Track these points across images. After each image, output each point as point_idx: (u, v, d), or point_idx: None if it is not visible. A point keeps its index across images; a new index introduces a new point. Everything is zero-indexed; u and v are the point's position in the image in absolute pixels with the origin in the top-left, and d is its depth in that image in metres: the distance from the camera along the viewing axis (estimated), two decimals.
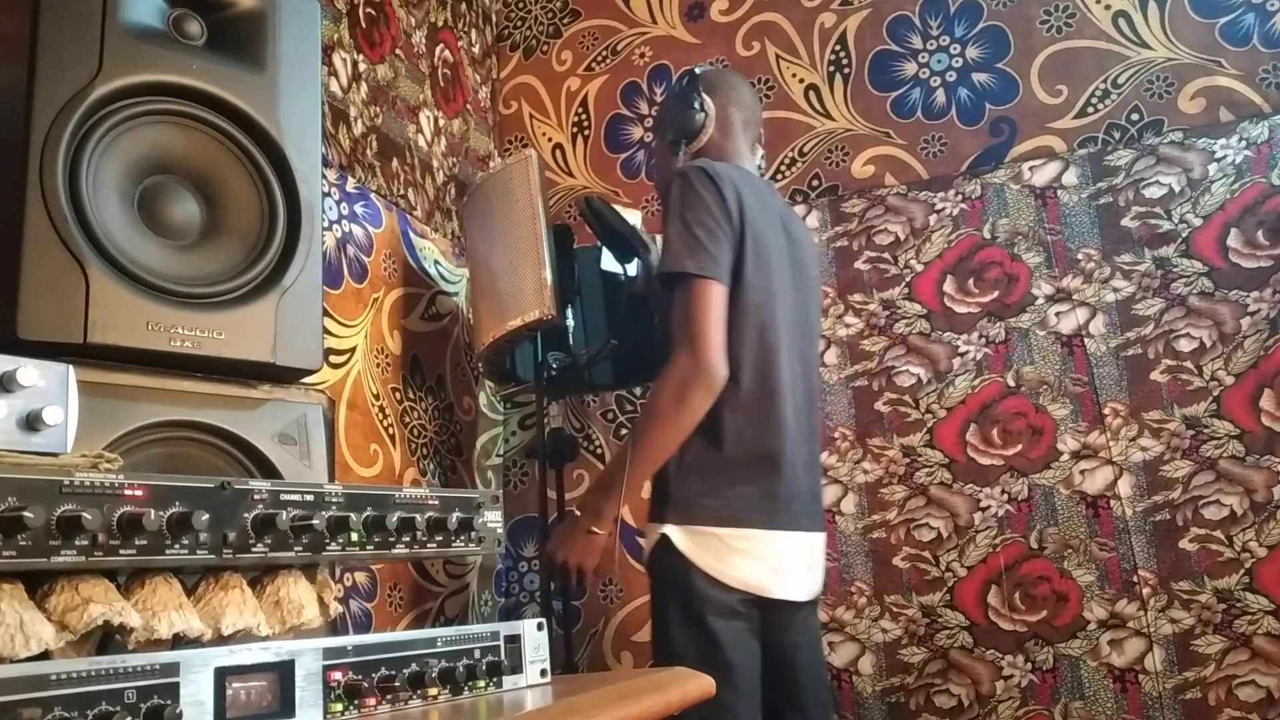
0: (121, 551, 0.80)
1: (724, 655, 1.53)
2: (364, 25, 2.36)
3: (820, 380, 1.87)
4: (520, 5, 3.03)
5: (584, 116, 2.87)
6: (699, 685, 1.17)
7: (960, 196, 2.42)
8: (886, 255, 2.46)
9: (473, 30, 2.92)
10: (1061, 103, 2.38)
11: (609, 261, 2.24)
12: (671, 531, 1.59)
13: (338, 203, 2.15)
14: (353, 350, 2.14)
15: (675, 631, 1.57)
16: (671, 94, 1.90)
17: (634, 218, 2.20)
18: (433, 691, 0.96)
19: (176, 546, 0.84)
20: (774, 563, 1.62)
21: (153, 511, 0.82)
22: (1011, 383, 2.30)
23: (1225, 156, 2.21)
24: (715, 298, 1.59)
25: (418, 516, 1.04)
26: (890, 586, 2.30)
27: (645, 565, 1.65)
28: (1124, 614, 2.12)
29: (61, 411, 0.88)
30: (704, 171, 1.65)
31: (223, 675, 0.79)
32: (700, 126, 1.82)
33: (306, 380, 1.29)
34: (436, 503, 1.08)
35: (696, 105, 1.81)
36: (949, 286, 2.39)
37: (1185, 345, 2.17)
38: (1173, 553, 2.10)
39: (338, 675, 0.88)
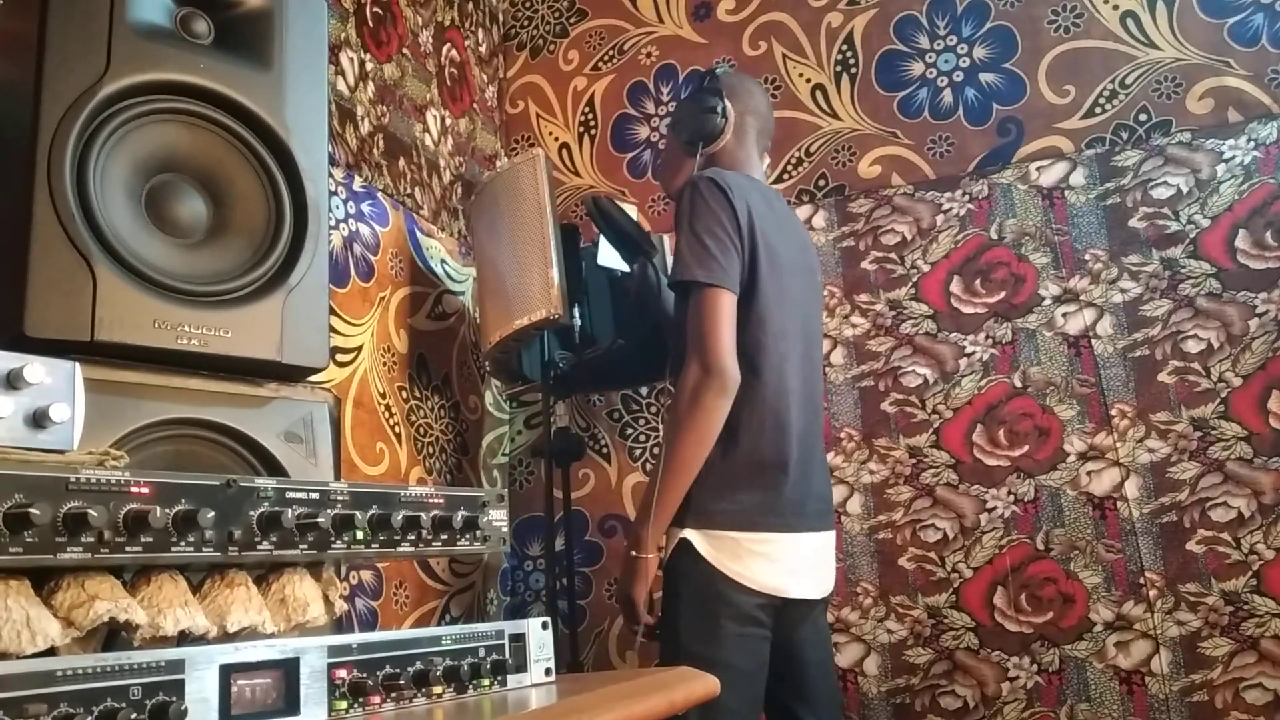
0: (127, 548, 0.80)
1: (730, 658, 1.54)
2: (371, 24, 2.36)
3: (824, 382, 1.88)
4: (527, 4, 3.03)
5: (590, 116, 2.87)
6: (703, 685, 1.17)
7: (967, 197, 2.42)
8: (893, 255, 2.45)
9: (479, 29, 2.92)
10: (1069, 103, 2.37)
11: (605, 257, 2.24)
12: (692, 536, 1.61)
13: (344, 201, 2.15)
14: (359, 349, 2.14)
15: (685, 632, 1.58)
16: (692, 93, 1.91)
17: (630, 211, 2.20)
18: (437, 690, 0.96)
19: (182, 544, 0.84)
20: (790, 564, 1.64)
21: (158, 509, 0.82)
22: (1018, 383, 2.29)
23: (1234, 157, 2.20)
24: (724, 305, 1.61)
25: (423, 515, 1.04)
26: (896, 587, 2.30)
27: (663, 568, 1.66)
28: (1130, 616, 2.11)
29: (68, 409, 0.88)
30: (714, 182, 1.67)
31: (228, 672, 0.79)
32: (720, 131, 1.83)
33: (312, 379, 1.29)
34: (442, 501, 1.08)
35: (719, 110, 1.82)
36: (956, 287, 2.38)
37: (1193, 346, 2.16)
38: (1180, 555, 2.10)
39: (342, 673, 0.88)
